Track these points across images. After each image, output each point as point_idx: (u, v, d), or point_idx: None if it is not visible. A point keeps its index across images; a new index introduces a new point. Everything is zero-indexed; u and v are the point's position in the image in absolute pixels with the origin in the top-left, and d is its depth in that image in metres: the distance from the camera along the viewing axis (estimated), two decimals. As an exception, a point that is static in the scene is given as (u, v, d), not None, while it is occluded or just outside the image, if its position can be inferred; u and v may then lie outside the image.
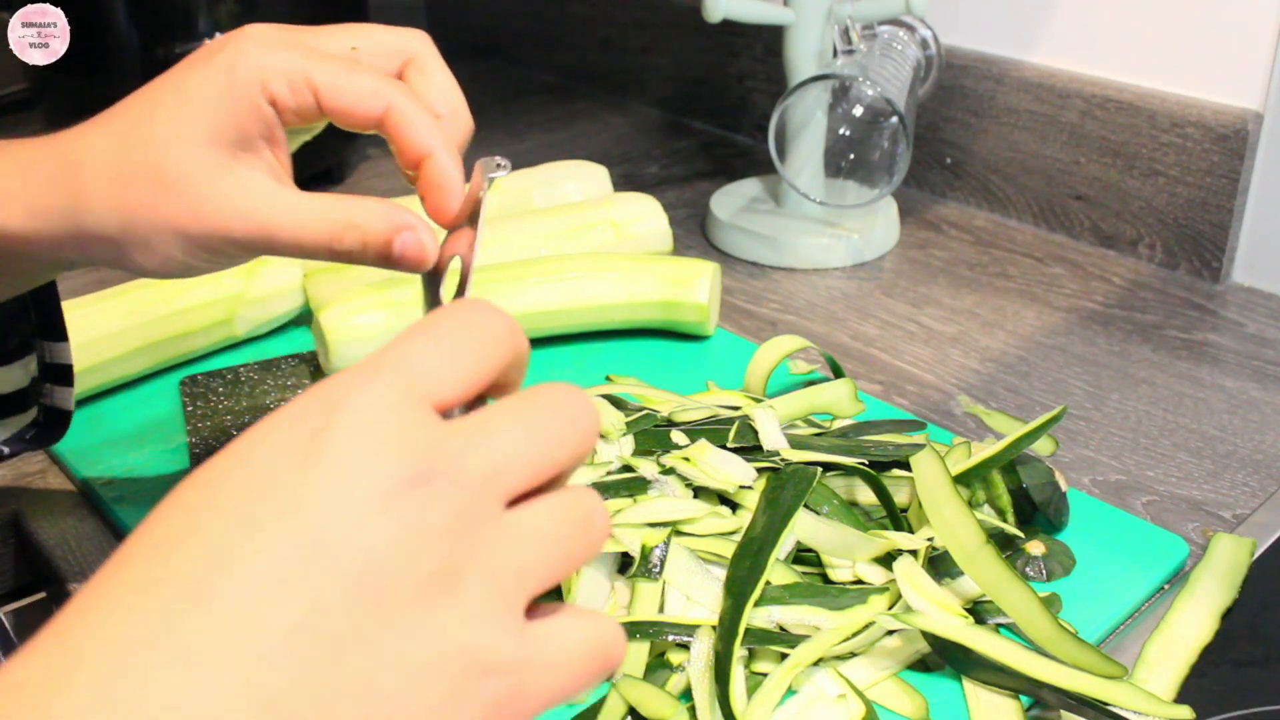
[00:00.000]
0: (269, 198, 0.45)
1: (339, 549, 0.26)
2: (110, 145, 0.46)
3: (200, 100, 0.45)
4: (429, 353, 0.30)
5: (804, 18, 0.89)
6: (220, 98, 0.45)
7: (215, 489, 0.28)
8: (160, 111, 0.45)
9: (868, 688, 0.50)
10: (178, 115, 0.45)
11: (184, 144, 0.45)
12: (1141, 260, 0.92)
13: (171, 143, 0.45)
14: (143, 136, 0.45)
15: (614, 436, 0.61)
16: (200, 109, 0.45)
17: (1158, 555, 0.59)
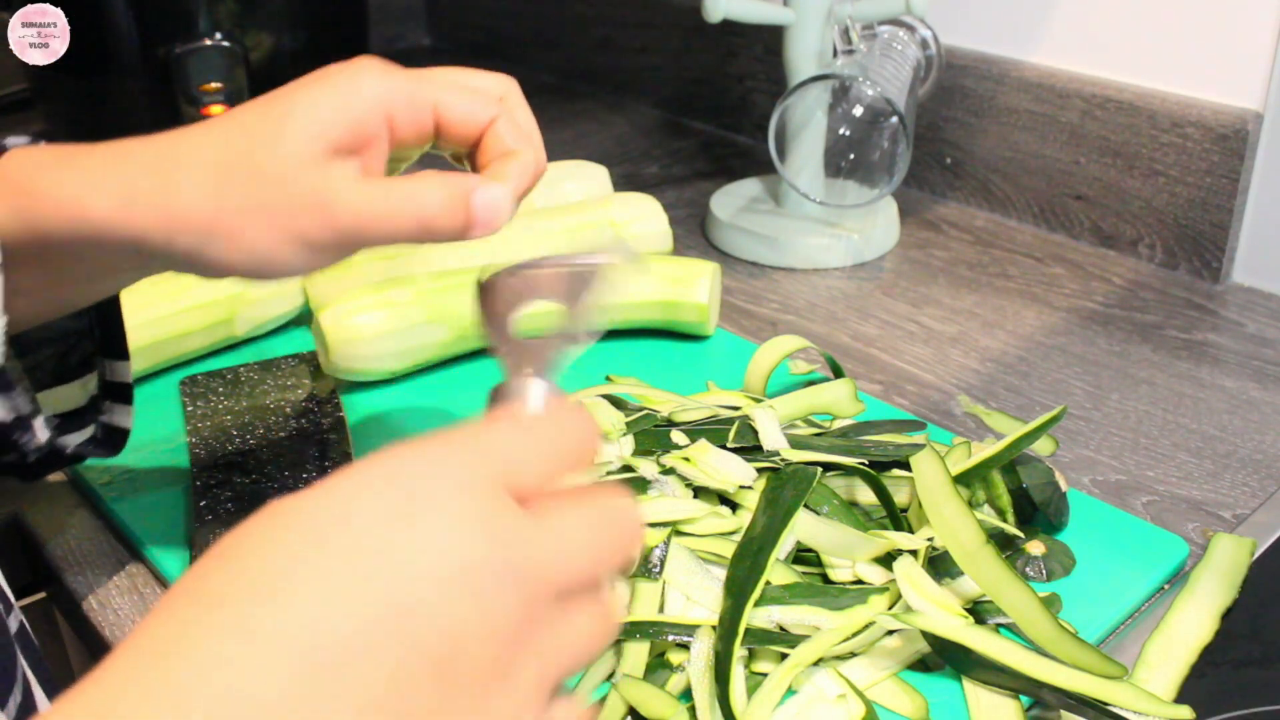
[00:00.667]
0: (358, 195, 0.47)
1: (422, 626, 0.27)
2: (212, 138, 0.48)
3: (310, 106, 0.47)
4: (520, 443, 0.31)
5: (804, 18, 0.89)
6: (332, 105, 0.47)
7: (309, 536, 0.28)
8: (270, 110, 0.48)
9: (868, 688, 0.50)
10: (286, 115, 0.47)
11: (287, 139, 0.47)
12: (1141, 260, 0.92)
13: (276, 138, 0.47)
14: (247, 130, 0.47)
15: (614, 436, 0.61)
16: (309, 112, 0.47)
17: (1158, 555, 0.59)
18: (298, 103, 0.48)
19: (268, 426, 0.69)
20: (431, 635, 0.27)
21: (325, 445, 0.67)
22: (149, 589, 0.60)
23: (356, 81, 0.48)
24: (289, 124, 0.47)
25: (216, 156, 0.47)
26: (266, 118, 0.48)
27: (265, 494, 0.63)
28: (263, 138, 0.47)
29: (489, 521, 0.29)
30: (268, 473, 0.65)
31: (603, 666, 0.51)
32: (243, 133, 0.48)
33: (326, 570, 0.27)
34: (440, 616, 0.27)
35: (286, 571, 0.27)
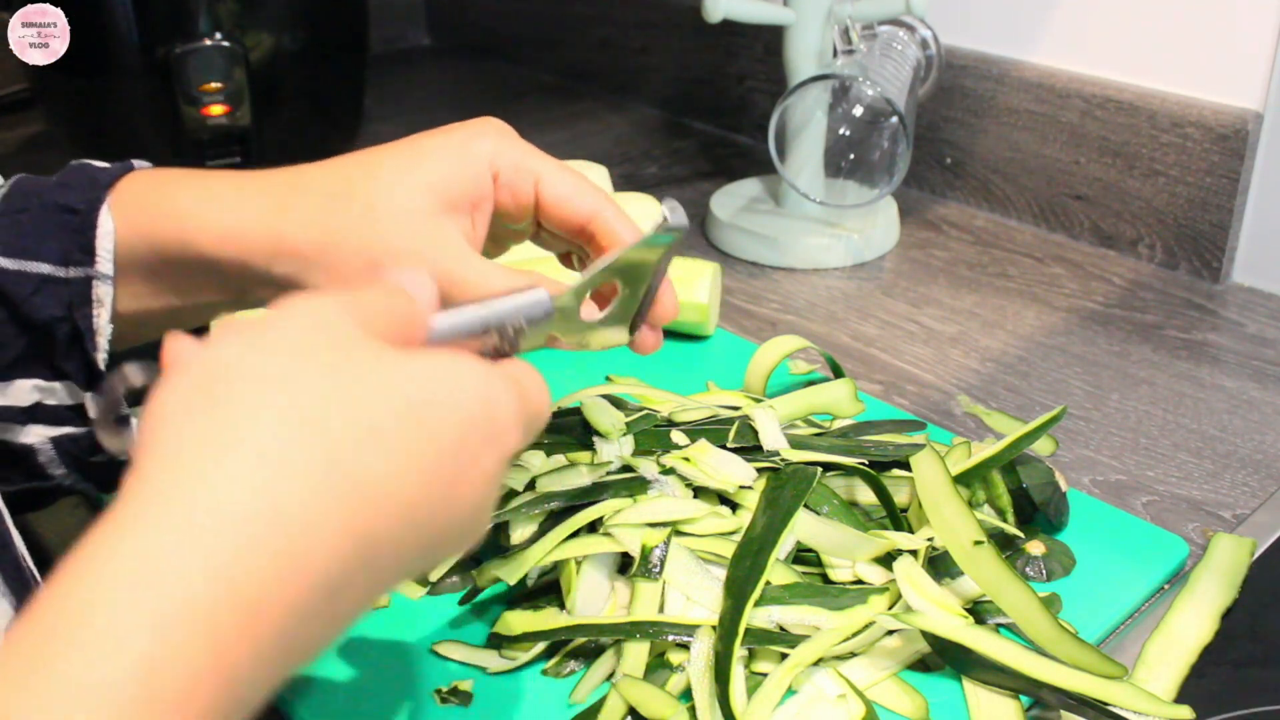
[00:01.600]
0: (463, 255, 0.49)
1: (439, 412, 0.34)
2: (330, 172, 0.50)
3: (429, 156, 0.50)
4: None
5: (804, 18, 0.89)
6: (450, 159, 0.50)
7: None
8: (386, 157, 0.50)
9: (868, 688, 0.50)
10: (404, 162, 0.50)
11: (403, 183, 0.49)
12: (1141, 260, 0.92)
13: (392, 180, 0.49)
14: (366, 170, 0.50)
15: (614, 436, 0.61)
16: (427, 162, 0.50)
17: (1158, 555, 0.59)
18: (420, 152, 0.50)
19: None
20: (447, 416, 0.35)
21: (325, 445, 0.67)
22: (149, 589, 0.60)
23: (476, 140, 0.50)
24: (409, 172, 0.49)
25: (331, 189, 0.49)
26: (387, 162, 0.50)
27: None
28: (381, 180, 0.49)
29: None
30: (268, 473, 0.65)
31: (603, 666, 0.51)
32: (362, 172, 0.50)
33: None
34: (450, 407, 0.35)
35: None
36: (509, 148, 0.51)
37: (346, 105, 1.11)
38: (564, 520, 0.55)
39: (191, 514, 0.29)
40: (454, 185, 0.50)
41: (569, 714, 0.50)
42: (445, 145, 0.50)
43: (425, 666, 0.53)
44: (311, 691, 0.52)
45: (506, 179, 0.51)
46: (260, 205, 0.49)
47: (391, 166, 0.50)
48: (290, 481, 0.30)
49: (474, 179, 0.50)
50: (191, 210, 0.50)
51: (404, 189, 0.49)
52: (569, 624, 0.52)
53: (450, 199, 0.49)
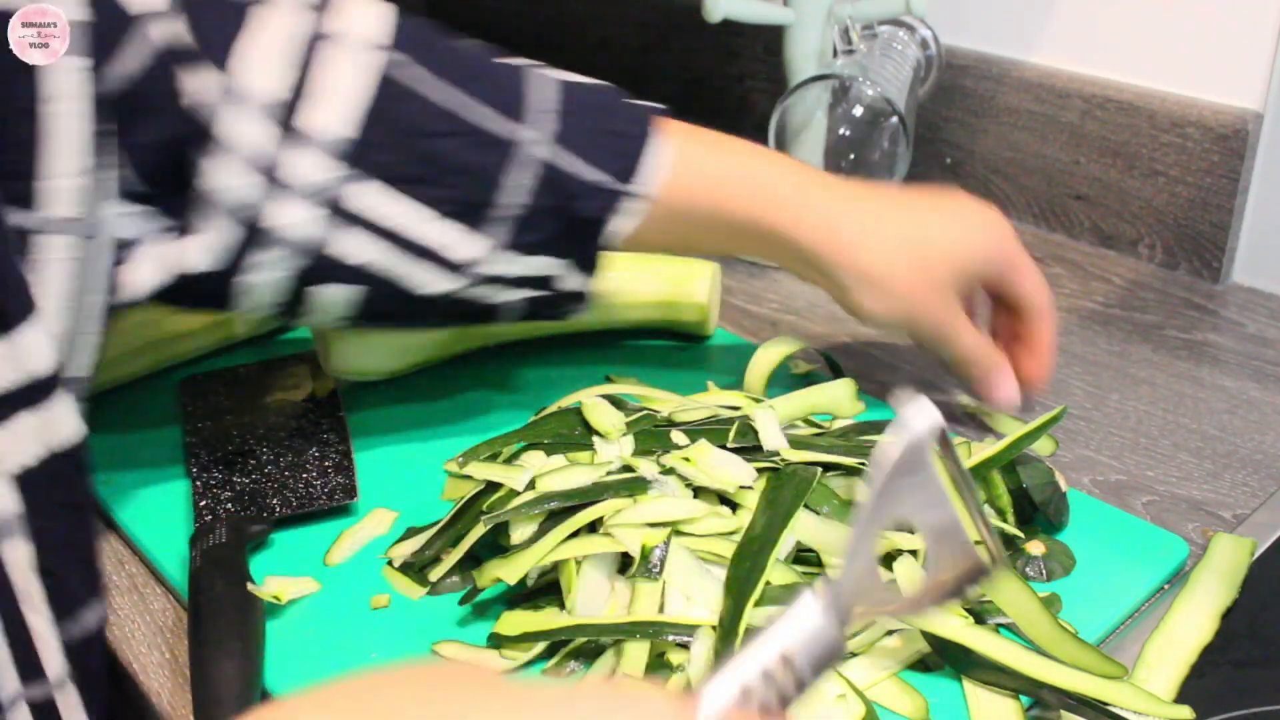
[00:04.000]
0: (960, 319, 0.66)
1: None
2: (899, 199, 0.67)
3: (980, 246, 0.66)
4: None
5: (804, 18, 0.89)
6: (992, 260, 0.66)
7: None
8: (951, 214, 0.67)
9: (868, 688, 0.50)
10: (958, 240, 0.66)
11: (953, 258, 0.65)
12: (1141, 260, 0.92)
13: (947, 243, 0.65)
14: (922, 217, 0.66)
15: (614, 436, 0.61)
16: (978, 252, 0.66)
17: (1158, 555, 0.59)
18: (969, 229, 0.66)
19: (268, 426, 0.69)
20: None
21: (325, 445, 0.67)
22: (149, 589, 0.60)
23: (1004, 236, 0.66)
24: (957, 247, 0.65)
25: (892, 215, 0.65)
26: (943, 219, 0.66)
27: (265, 494, 0.63)
28: (937, 234, 0.65)
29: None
30: (268, 473, 0.65)
31: (603, 666, 0.51)
32: (922, 214, 0.65)
33: None
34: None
35: None
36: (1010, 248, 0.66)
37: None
38: (564, 520, 0.55)
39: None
40: (983, 279, 0.67)
41: (569, 714, 0.50)
42: (992, 238, 0.66)
43: (425, 666, 0.53)
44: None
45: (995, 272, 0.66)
46: (821, 201, 0.64)
47: (943, 234, 0.65)
48: None
49: (993, 263, 0.65)
50: (761, 179, 0.63)
51: (948, 262, 0.65)
52: (569, 624, 0.52)
53: (971, 285, 0.66)
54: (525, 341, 0.78)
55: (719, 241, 0.66)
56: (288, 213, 0.56)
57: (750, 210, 0.63)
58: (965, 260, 0.64)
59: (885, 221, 0.64)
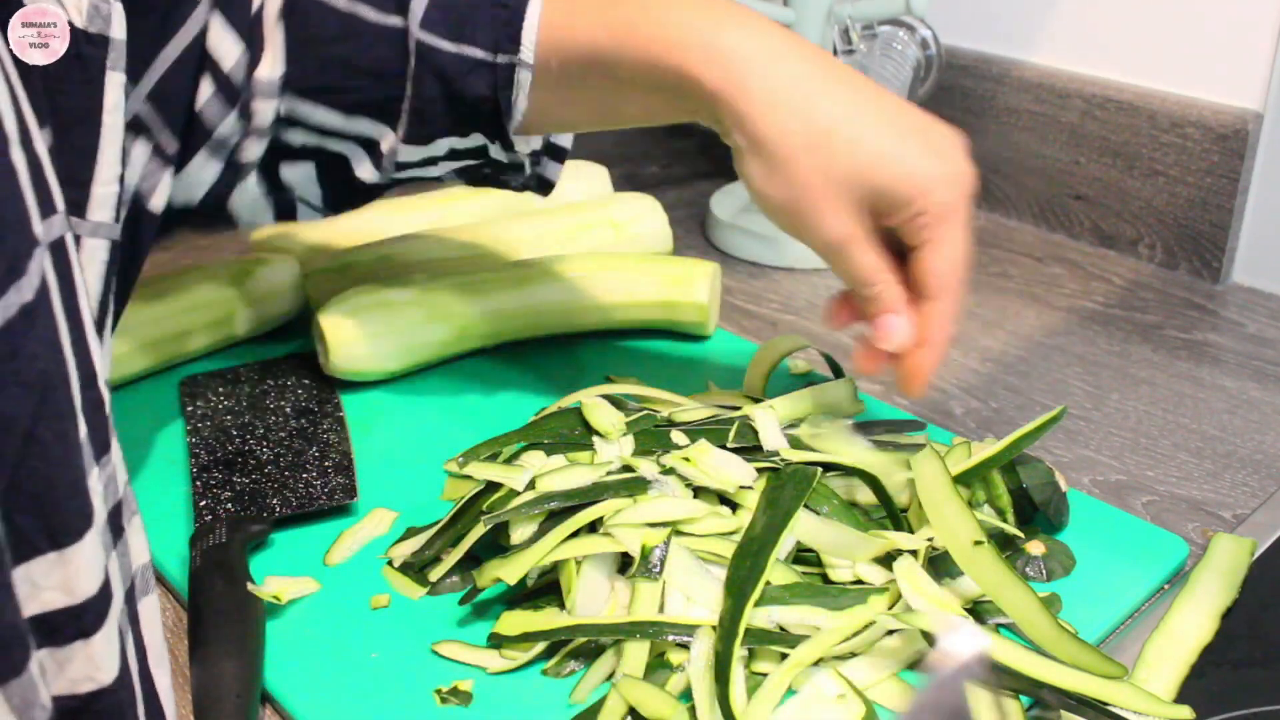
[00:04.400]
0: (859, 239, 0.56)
1: None
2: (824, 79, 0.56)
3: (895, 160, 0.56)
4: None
5: (804, 18, 0.89)
6: (913, 181, 0.56)
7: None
8: (871, 127, 0.56)
9: (868, 688, 0.50)
10: (883, 144, 0.56)
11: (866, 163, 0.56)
12: (1141, 260, 0.92)
13: (857, 157, 0.55)
14: (854, 112, 0.56)
15: (614, 436, 0.61)
16: (903, 170, 0.56)
17: (1158, 555, 0.59)
18: (901, 143, 0.55)
19: (268, 426, 0.69)
20: None
21: (325, 445, 0.67)
22: (149, 589, 0.60)
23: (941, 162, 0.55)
24: (879, 161, 0.54)
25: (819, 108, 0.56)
26: (868, 134, 0.55)
27: (265, 494, 0.63)
28: (866, 135, 0.55)
29: None
30: (268, 473, 0.65)
31: (603, 666, 0.51)
32: (866, 109, 0.56)
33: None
34: None
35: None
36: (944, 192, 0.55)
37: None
38: (564, 520, 0.55)
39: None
40: (889, 201, 0.55)
41: (569, 714, 0.50)
42: (925, 156, 0.55)
43: (425, 666, 0.53)
44: (312, 691, 0.52)
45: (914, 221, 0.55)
46: (753, 62, 0.55)
47: (872, 140, 0.54)
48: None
49: (905, 204, 0.55)
50: (643, 18, 0.56)
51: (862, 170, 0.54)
52: (569, 624, 0.52)
53: (875, 209, 0.55)
54: (525, 341, 0.78)
55: (634, 102, 0.60)
56: (253, 149, 0.61)
57: (649, 52, 0.56)
58: (880, 181, 0.54)
59: (812, 94, 0.55)
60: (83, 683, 0.39)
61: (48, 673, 0.38)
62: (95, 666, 0.40)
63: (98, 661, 0.40)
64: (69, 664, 0.39)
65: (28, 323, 0.35)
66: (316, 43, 0.60)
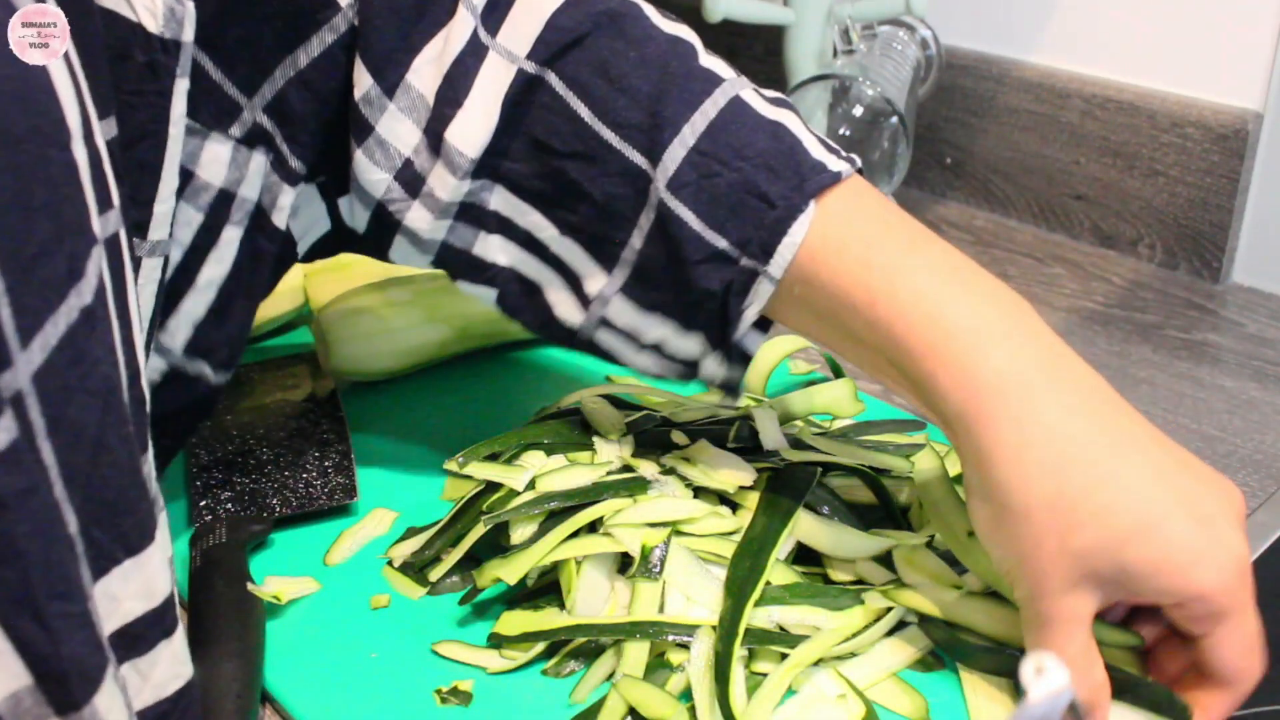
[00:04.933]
0: (1076, 631, 0.45)
1: None
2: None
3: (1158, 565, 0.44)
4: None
5: (804, 18, 0.89)
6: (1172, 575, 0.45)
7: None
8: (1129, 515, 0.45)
9: (868, 688, 0.50)
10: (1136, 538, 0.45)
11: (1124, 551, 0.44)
12: (1141, 260, 0.92)
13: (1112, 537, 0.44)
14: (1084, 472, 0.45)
15: (614, 436, 0.61)
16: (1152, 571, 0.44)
17: (1158, 555, 0.59)
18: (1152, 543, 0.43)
19: (268, 426, 0.69)
20: None
21: (325, 445, 0.67)
22: (149, 589, 0.60)
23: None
24: (1129, 546, 0.43)
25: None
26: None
27: (265, 494, 0.63)
28: (1122, 519, 0.44)
29: None
30: (268, 473, 0.65)
31: (603, 666, 0.51)
32: (1135, 485, 0.45)
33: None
34: None
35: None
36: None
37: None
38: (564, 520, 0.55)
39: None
40: (1141, 586, 0.44)
41: (569, 714, 0.50)
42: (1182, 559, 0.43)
43: (425, 666, 0.53)
44: (312, 691, 0.52)
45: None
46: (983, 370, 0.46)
47: (1128, 510, 0.44)
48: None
49: (1161, 593, 0.44)
50: (901, 297, 0.47)
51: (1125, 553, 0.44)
52: (569, 624, 0.52)
53: (1125, 589, 0.44)
54: (525, 341, 0.78)
55: (868, 363, 0.51)
56: (418, 216, 0.55)
57: (900, 343, 0.47)
58: (1130, 561, 0.44)
59: (1069, 449, 0.44)
60: (170, 682, 0.39)
61: (130, 689, 0.38)
62: (180, 663, 0.40)
63: (181, 658, 0.40)
64: (155, 669, 0.39)
65: (89, 326, 0.35)
66: (545, 150, 0.53)
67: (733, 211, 0.50)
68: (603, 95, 0.52)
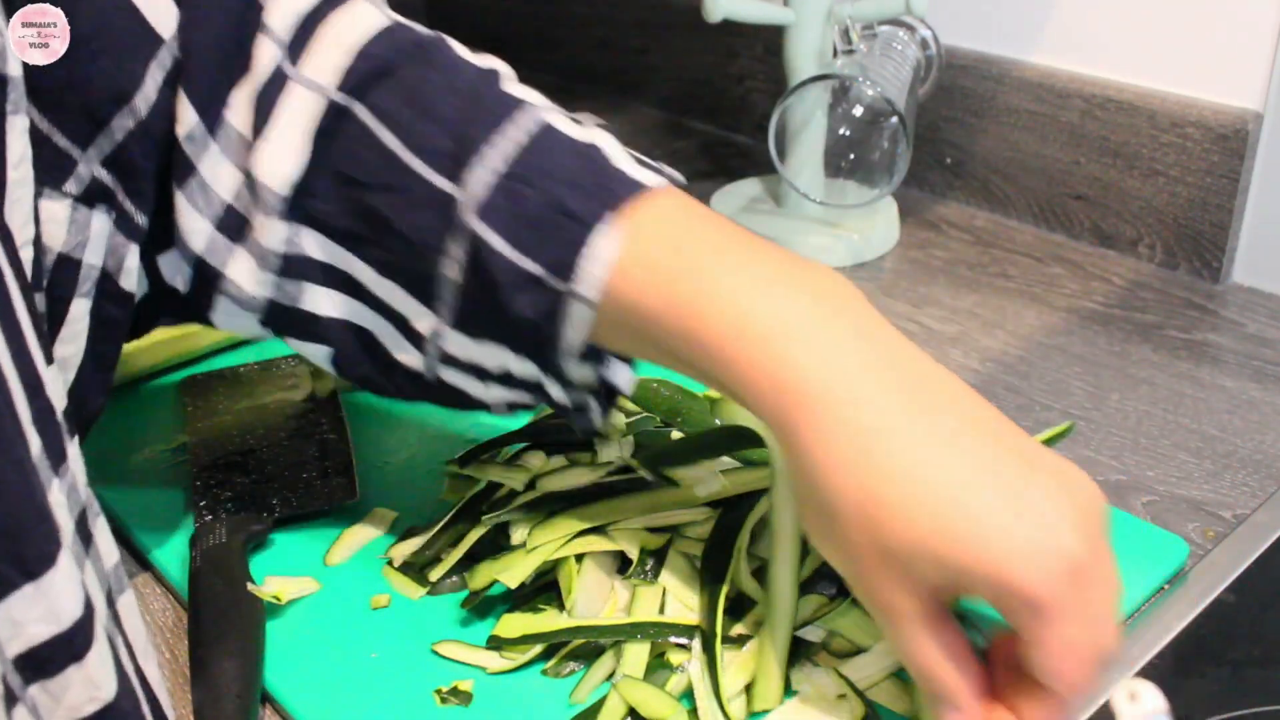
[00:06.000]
0: (919, 629, 0.44)
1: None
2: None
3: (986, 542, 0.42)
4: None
5: (804, 18, 0.89)
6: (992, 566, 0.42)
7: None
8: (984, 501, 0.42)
9: (868, 688, 0.50)
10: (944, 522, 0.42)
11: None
12: (1141, 260, 0.92)
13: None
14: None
15: (614, 436, 0.61)
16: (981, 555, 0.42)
17: (1158, 555, 0.59)
18: (984, 522, 0.41)
19: (268, 426, 0.69)
20: None
21: (325, 445, 0.67)
22: (149, 589, 0.60)
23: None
24: (939, 538, 0.41)
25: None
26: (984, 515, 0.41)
27: (265, 494, 0.63)
28: (946, 517, 0.41)
29: None
30: (268, 473, 0.65)
31: (603, 667, 0.51)
32: (953, 478, 0.42)
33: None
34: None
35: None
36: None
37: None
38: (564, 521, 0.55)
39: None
40: (963, 581, 0.42)
41: (569, 714, 0.50)
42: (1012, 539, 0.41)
43: (425, 666, 0.53)
44: (312, 691, 0.52)
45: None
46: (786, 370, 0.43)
47: (937, 501, 0.41)
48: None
49: (982, 587, 0.42)
50: (719, 313, 0.44)
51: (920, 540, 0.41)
52: (569, 625, 0.52)
53: (955, 585, 0.42)
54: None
55: (698, 377, 0.48)
56: (240, 269, 0.52)
57: (711, 357, 0.45)
58: (944, 553, 0.41)
59: (875, 444, 0.42)
60: (85, 705, 0.38)
61: (41, 709, 0.37)
62: (95, 686, 0.38)
63: (97, 681, 0.38)
64: (66, 692, 0.38)
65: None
66: (352, 184, 0.50)
67: (542, 235, 0.47)
68: (410, 123, 0.49)
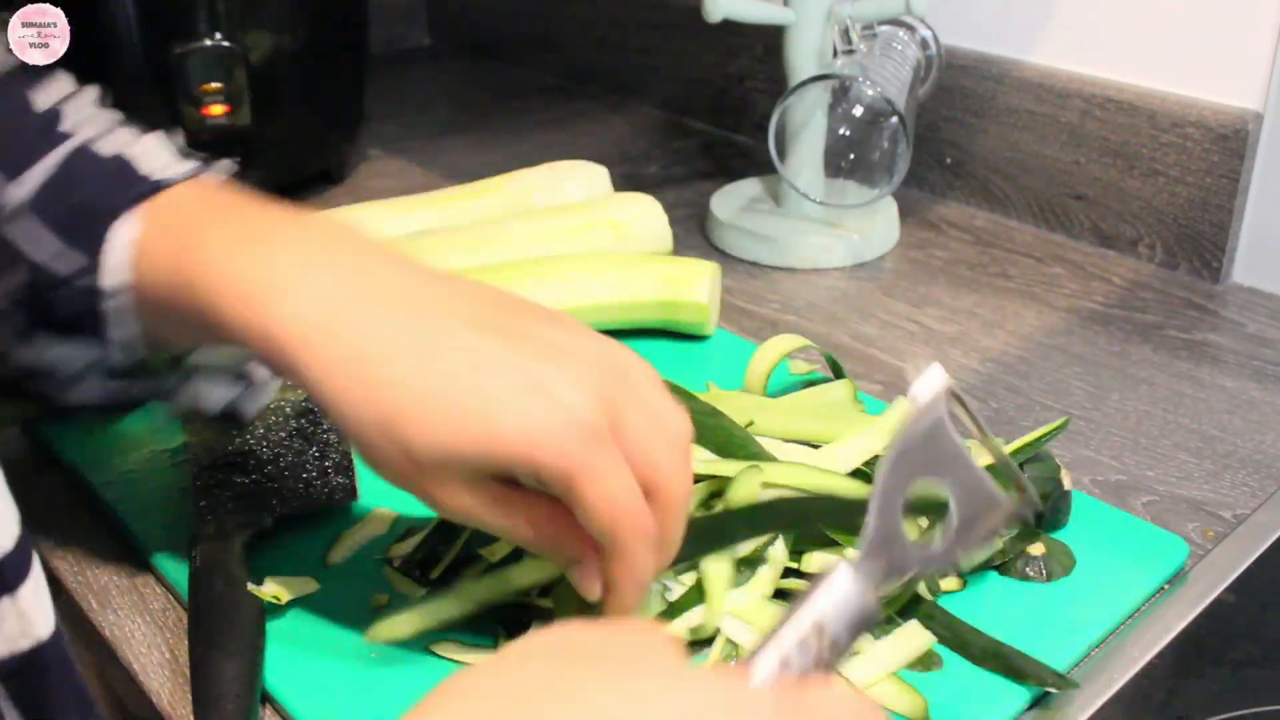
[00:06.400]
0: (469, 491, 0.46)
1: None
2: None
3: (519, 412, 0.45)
4: None
5: (804, 18, 0.89)
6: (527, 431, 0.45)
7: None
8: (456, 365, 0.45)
9: (867, 687, 0.50)
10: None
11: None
12: (1141, 260, 0.92)
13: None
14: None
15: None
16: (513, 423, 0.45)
17: (1158, 555, 0.59)
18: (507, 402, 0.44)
19: (268, 426, 0.69)
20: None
21: (325, 445, 0.67)
22: (149, 589, 0.60)
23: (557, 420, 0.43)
24: (457, 432, 0.44)
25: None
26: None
27: (265, 494, 0.63)
28: (443, 397, 0.44)
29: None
30: (268, 473, 0.65)
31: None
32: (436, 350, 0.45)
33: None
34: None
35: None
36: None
37: (346, 105, 1.11)
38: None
39: None
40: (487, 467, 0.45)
41: (569, 714, 0.50)
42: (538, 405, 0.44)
43: (425, 666, 0.53)
44: (312, 691, 0.52)
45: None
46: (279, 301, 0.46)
47: (438, 400, 0.44)
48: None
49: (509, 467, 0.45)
50: (226, 288, 0.47)
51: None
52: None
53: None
54: (525, 341, 0.78)
55: (219, 342, 0.50)
56: None
57: (214, 311, 0.47)
58: (484, 464, 0.44)
59: (369, 371, 0.45)
60: (19, 639, 0.39)
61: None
62: (29, 621, 0.40)
63: (31, 616, 0.40)
64: (2, 622, 0.39)
65: None
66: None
67: (73, 239, 0.49)
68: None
